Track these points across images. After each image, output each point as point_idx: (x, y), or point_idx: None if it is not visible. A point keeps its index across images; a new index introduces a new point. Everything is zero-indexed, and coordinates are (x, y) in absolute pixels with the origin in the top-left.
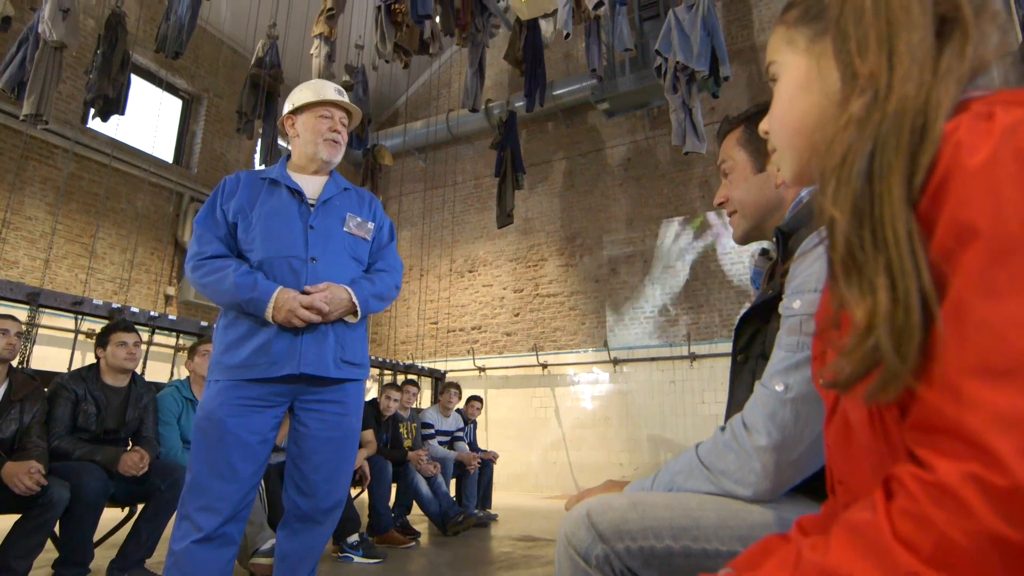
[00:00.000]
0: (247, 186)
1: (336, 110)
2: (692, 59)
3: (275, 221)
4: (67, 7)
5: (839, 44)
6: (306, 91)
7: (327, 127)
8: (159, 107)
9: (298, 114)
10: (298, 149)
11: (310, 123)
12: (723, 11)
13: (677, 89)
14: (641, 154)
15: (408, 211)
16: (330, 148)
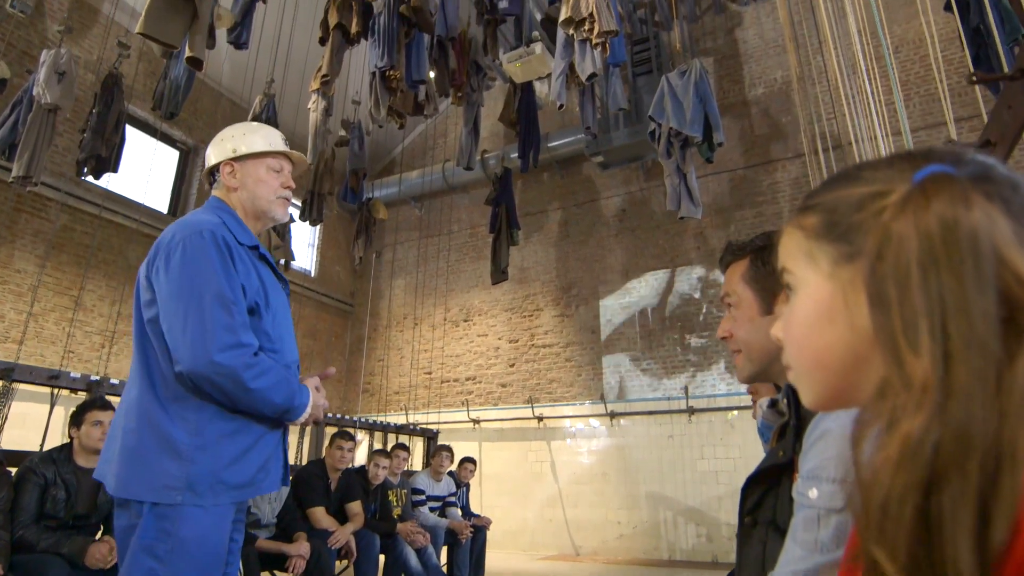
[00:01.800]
0: (248, 259)
1: (286, 163)
2: (685, 125)
3: (283, 314)
4: (63, 70)
5: (877, 308)
6: (254, 137)
7: (280, 183)
8: (153, 157)
9: (242, 161)
10: (241, 203)
11: (259, 175)
12: (715, 66)
13: (671, 154)
14: (636, 205)
15: (403, 259)
16: (284, 208)
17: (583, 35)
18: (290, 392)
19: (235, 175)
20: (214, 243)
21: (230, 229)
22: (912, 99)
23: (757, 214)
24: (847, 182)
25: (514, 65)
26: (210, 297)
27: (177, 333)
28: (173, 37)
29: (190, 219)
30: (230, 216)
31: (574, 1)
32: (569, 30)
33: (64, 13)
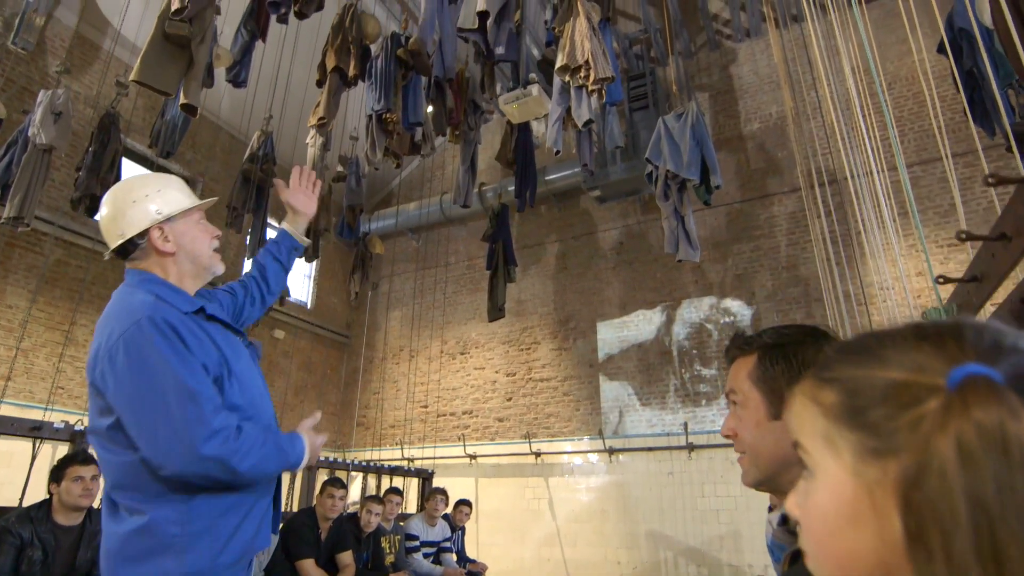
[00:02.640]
0: (197, 329)
1: (202, 212)
2: (683, 168)
3: (249, 374)
4: (60, 110)
5: (918, 549)
6: (173, 193)
7: (211, 234)
8: None
9: (172, 222)
10: (178, 267)
11: (193, 231)
12: (710, 102)
13: (668, 196)
14: (633, 238)
15: (399, 291)
16: (220, 260)
17: (579, 82)
18: (282, 456)
19: (168, 239)
20: (158, 331)
21: (169, 302)
22: (907, 135)
23: (754, 248)
24: (869, 360)
25: (511, 106)
26: (173, 395)
27: (150, 441)
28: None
29: (122, 306)
30: (163, 287)
31: (570, 48)
32: (565, 77)
33: (65, 49)
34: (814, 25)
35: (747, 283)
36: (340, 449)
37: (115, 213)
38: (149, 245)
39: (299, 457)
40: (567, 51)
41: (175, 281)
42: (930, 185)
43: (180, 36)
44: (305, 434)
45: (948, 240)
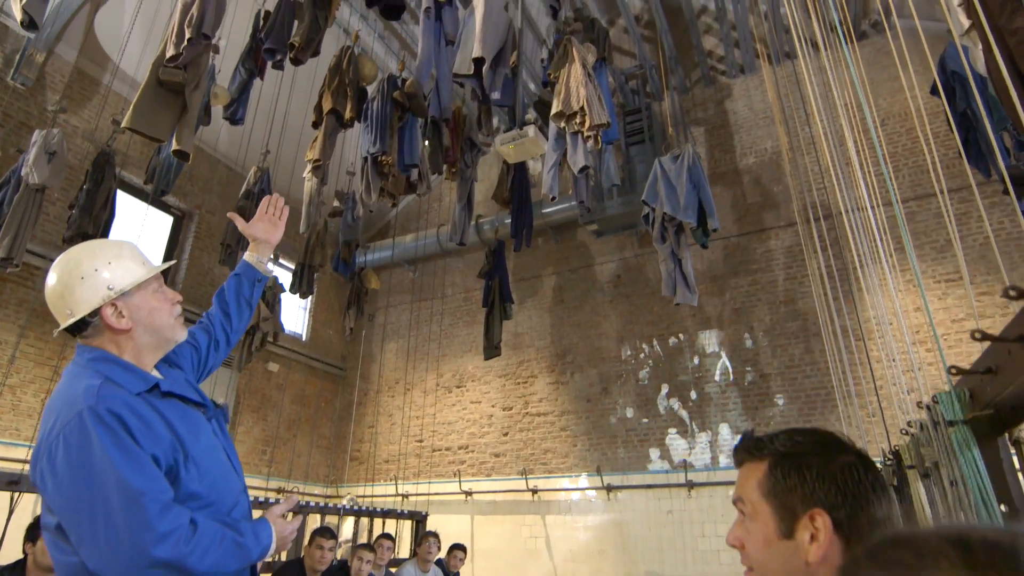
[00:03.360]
0: (151, 412)
1: (159, 278)
2: (679, 210)
3: (210, 454)
4: (54, 150)
5: None
6: (126, 264)
7: (171, 302)
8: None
9: (126, 297)
10: (135, 342)
11: (150, 303)
12: (706, 136)
13: (665, 239)
14: (631, 271)
15: (395, 323)
16: (183, 325)
17: (575, 128)
18: (243, 553)
19: (123, 314)
20: (101, 424)
21: (120, 384)
22: (902, 170)
23: (752, 282)
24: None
25: (507, 147)
26: (116, 497)
27: (92, 549)
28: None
29: (67, 394)
30: (114, 367)
31: (565, 94)
32: (561, 123)
33: (64, 84)
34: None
35: (745, 317)
36: (333, 484)
37: (62, 290)
38: (102, 323)
39: (264, 549)
40: (562, 97)
41: (131, 357)
42: (926, 220)
43: (174, 83)
44: (274, 521)
45: (946, 275)
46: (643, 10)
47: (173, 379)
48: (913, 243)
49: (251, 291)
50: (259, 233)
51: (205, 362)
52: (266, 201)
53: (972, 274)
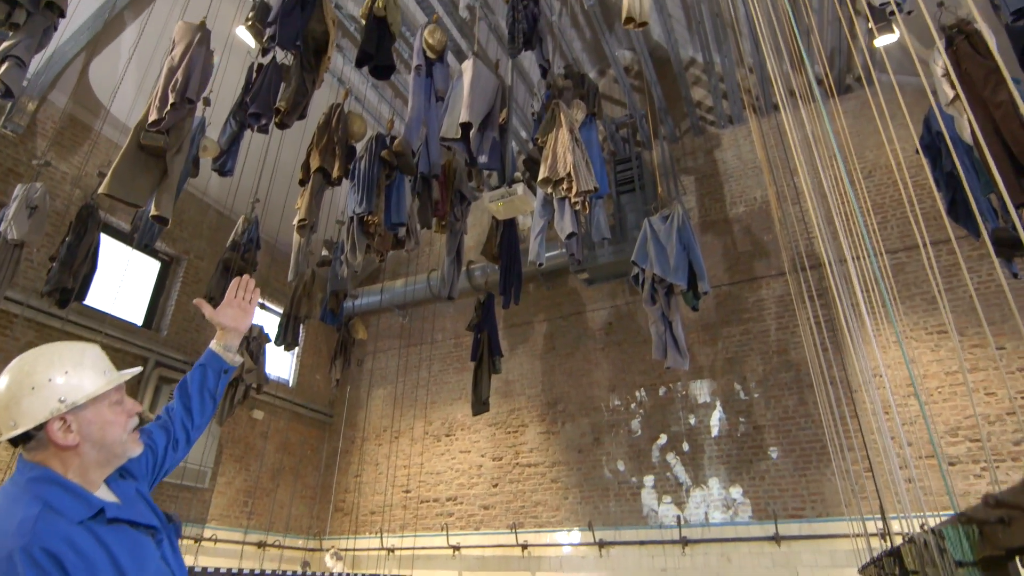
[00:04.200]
0: (91, 543)
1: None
2: (669, 272)
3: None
4: (35, 204)
5: None
6: (84, 373)
7: (127, 414)
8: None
9: (77, 411)
10: (82, 459)
11: (105, 417)
12: (696, 185)
13: (655, 301)
14: (622, 319)
15: (383, 369)
16: (137, 441)
17: (561, 193)
18: None
19: (72, 429)
20: (33, 567)
21: (61, 511)
22: (890, 220)
23: (744, 331)
24: None
25: (496, 204)
26: None
27: None
28: (138, 196)
29: (1, 522)
30: (56, 490)
31: (552, 160)
32: (547, 189)
33: (55, 131)
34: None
35: (738, 367)
36: (316, 536)
37: (9, 399)
38: (47, 437)
39: None
40: (549, 163)
41: (76, 475)
42: (916, 271)
43: (155, 147)
44: None
45: (938, 326)
46: (633, 61)
47: (123, 493)
48: (904, 294)
49: (216, 383)
50: (227, 321)
51: (161, 464)
52: (236, 284)
53: (963, 326)
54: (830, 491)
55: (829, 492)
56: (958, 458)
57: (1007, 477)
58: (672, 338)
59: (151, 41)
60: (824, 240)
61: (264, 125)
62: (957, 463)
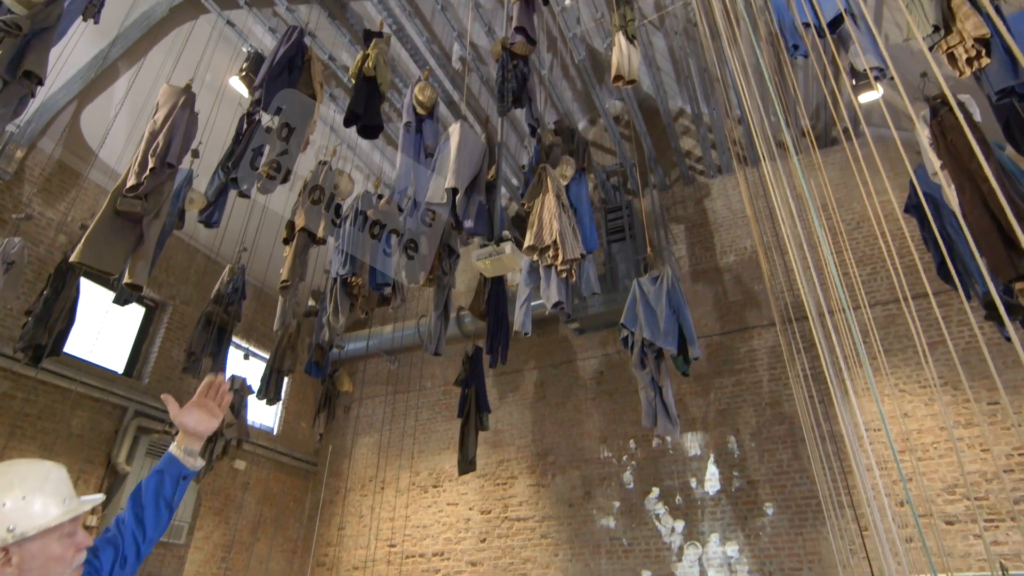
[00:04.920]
0: None
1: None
2: (659, 336)
3: None
4: (12, 260)
5: None
6: (40, 499)
7: (76, 547)
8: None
9: (23, 544)
10: None
11: (51, 550)
12: (686, 234)
13: (645, 365)
14: (613, 368)
15: (370, 416)
16: None
17: (547, 261)
18: None
19: (11, 562)
20: None
21: None
22: (879, 272)
23: (736, 382)
24: None
25: (483, 262)
26: None
27: None
28: (112, 264)
29: None
30: None
31: (537, 227)
32: (533, 256)
33: (44, 178)
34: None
35: (731, 419)
36: None
37: None
38: None
39: None
40: (535, 230)
41: None
42: (908, 323)
43: (132, 213)
44: None
45: (931, 380)
46: (623, 111)
47: None
48: (896, 346)
49: (174, 491)
50: (191, 423)
51: None
52: (207, 384)
53: (957, 379)
54: (827, 550)
55: (826, 552)
56: (956, 517)
57: (1007, 538)
58: (662, 404)
59: (144, 87)
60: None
61: (246, 191)
62: (956, 522)
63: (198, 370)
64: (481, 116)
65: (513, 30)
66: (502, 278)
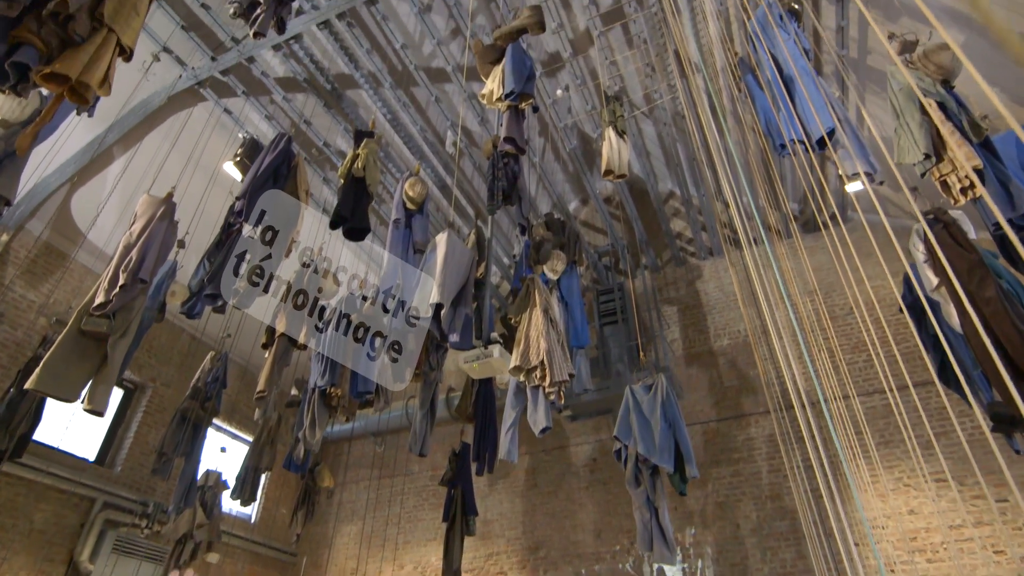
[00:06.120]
0: None
1: None
2: (655, 452)
3: None
4: None
5: None
6: None
7: None
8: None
9: None
10: None
11: None
12: (679, 315)
13: (640, 482)
14: (607, 455)
15: (353, 502)
16: None
17: (534, 382)
18: None
19: None
20: None
21: None
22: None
23: (734, 473)
24: None
25: (471, 365)
26: None
27: None
28: (69, 390)
29: None
30: None
31: (524, 346)
32: (520, 377)
33: (28, 260)
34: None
35: (730, 513)
36: None
37: None
38: None
39: None
40: (521, 349)
41: None
42: (908, 413)
43: (97, 333)
44: None
45: (936, 473)
46: (614, 192)
47: None
48: (897, 437)
49: None
50: None
51: None
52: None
53: (963, 475)
54: None
55: None
56: None
57: None
58: (659, 527)
59: (139, 171)
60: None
61: (221, 307)
62: None
63: (168, 471)
64: (472, 197)
65: (503, 140)
66: (491, 380)
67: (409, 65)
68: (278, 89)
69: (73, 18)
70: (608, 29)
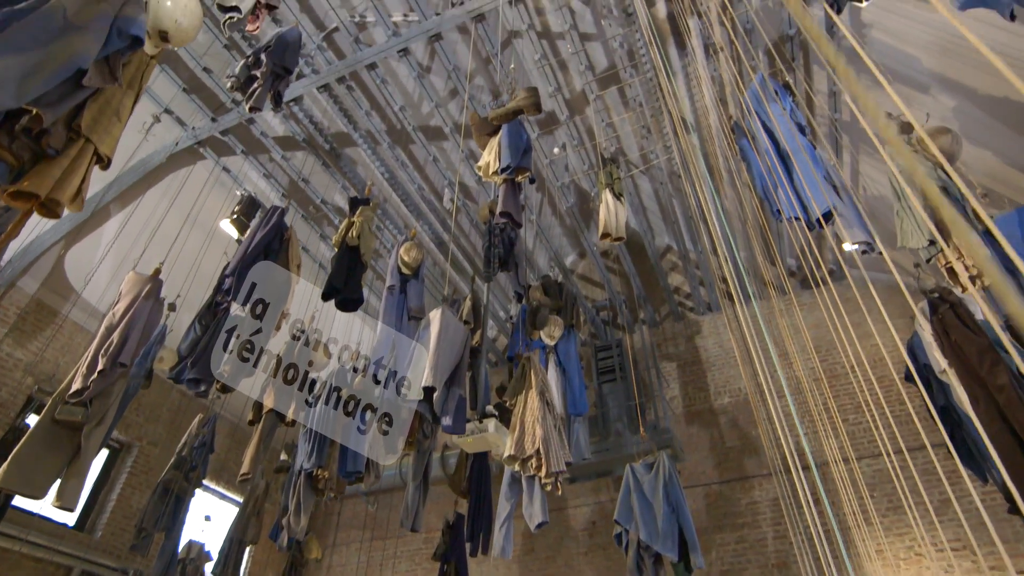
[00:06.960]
0: None
1: None
2: (657, 539)
3: None
4: None
5: None
6: None
7: None
8: None
9: None
10: None
11: None
12: (678, 372)
13: (642, 570)
14: (607, 518)
15: (343, 565)
16: None
17: (530, 471)
18: None
19: None
20: None
21: None
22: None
23: (739, 539)
24: None
25: (465, 439)
26: None
27: None
28: (37, 486)
29: None
30: None
31: (519, 433)
32: (514, 466)
33: (17, 316)
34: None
35: None
36: None
37: None
38: None
39: None
40: (516, 436)
41: None
42: (919, 475)
43: (72, 422)
44: None
45: (949, 541)
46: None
47: None
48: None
49: None
50: None
51: None
52: None
53: (978, 542)
54: None
55: None
56: None
57: None
58: None
59: (136, 228)
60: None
61: (204, 391)
62: None
63: (148, 548)
64: (469, 253)
65: (499, 214)
66: (486, 453)
67: (408, 125)
68: (277, 148)
69: (47, 132)
70: (604, 92)
